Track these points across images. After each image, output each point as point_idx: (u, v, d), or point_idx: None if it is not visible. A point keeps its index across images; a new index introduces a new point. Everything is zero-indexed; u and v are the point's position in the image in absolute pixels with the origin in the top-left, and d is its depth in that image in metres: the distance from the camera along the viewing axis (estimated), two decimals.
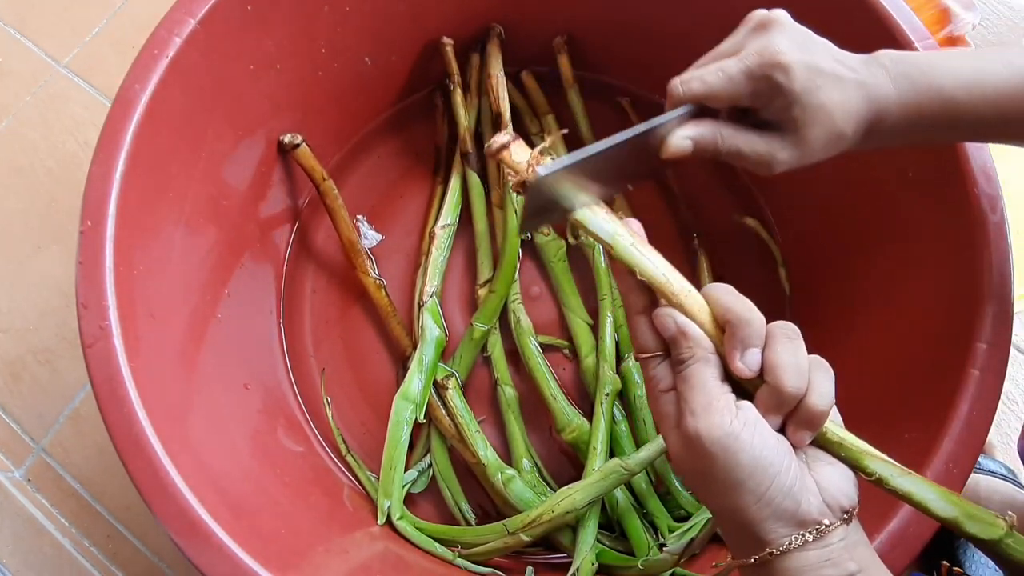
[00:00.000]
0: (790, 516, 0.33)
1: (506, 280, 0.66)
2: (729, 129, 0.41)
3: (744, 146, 0.40)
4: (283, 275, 0.70)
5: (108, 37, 0.86)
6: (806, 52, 0.39)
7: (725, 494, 0.34)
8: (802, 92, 0.38)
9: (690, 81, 0.40)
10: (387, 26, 0.66)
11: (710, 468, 0.33)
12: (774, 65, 0.38)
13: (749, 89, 0.39)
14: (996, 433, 0.74)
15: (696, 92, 0.40)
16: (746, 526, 0.34)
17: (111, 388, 0.44)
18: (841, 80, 0.39)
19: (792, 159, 0.40)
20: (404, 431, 0.61)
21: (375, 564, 0.55)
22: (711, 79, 0.40)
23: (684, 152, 0.41)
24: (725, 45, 0.42)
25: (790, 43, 0.39)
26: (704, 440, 0.33)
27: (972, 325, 0.48)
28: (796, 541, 0.33)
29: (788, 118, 0.39)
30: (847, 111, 0.39)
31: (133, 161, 0.48)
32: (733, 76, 0.39)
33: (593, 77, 0.74)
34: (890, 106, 0.40)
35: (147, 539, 0.70)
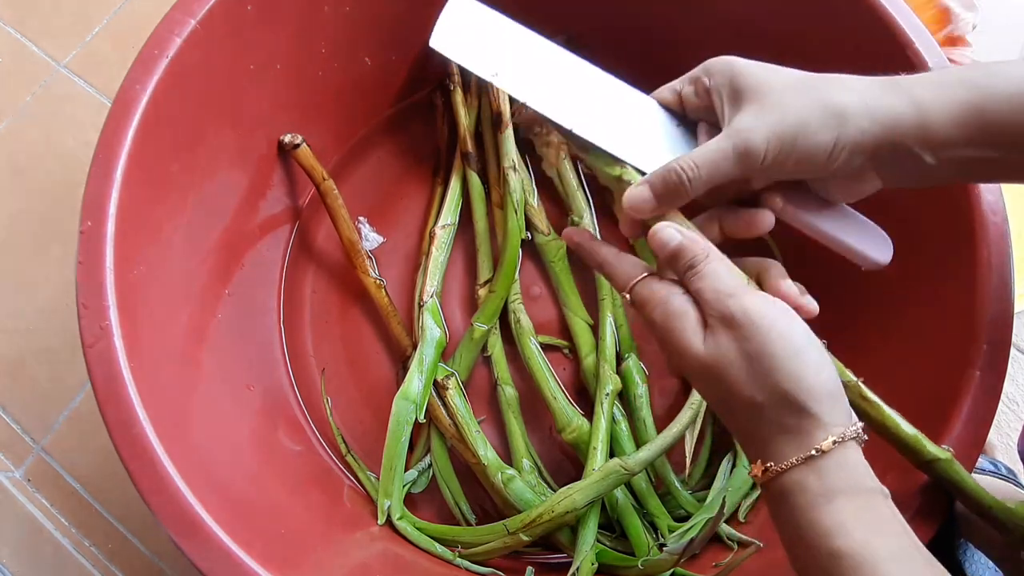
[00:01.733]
0: (843, 399, 0.32)
1: (506, 280, 0.66)
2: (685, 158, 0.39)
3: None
4: (283, 275, 0.70)
5: (108, 37, 0.86)
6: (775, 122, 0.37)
7: (783, 366, 0.32)
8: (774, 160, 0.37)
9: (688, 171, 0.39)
10: (387, 26, 0.66)
11: (763, 342, 0.32)
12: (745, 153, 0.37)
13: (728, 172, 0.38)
14: (996, 433, 0.74)
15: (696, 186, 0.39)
16: (807, 403, 0.32)
17: (111, 388, 0.44)
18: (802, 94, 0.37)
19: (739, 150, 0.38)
20: (404, 431, 0.61)
21: (375, 564, 0.55)
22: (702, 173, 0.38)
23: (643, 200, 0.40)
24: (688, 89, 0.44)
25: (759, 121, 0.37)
26: (753, 313, 0.32)
27: (972, 325, 0.48)
28: (850, 431, 0.32)
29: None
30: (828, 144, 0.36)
31: (133, 161, 0.48)
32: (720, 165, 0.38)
33: None
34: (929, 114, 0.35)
35: (147, 539, 0.70)
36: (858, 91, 0.37)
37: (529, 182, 0.70)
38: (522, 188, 0.68)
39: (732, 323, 0.33)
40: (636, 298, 0.38)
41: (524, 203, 0.68)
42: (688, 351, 0.34)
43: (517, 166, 0.68)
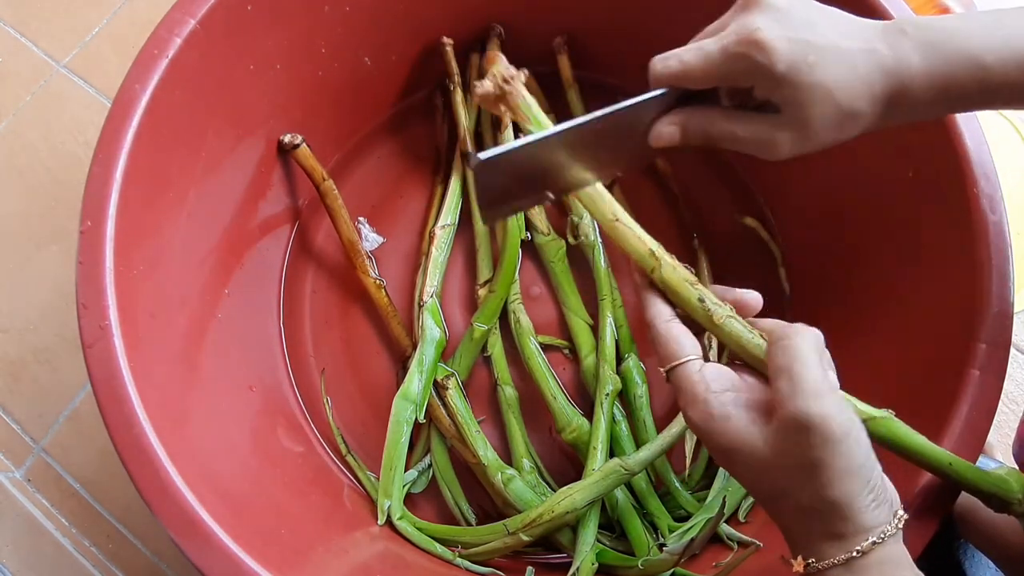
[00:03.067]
0: (888, 501, 0.32)
1: (506, 280, 0.66)
2: (720, 113, 0.39)
3: (739, 130, 0.38)
4: (283, 275, 0.70)
5: (108, 37, 0.86)
6: (792, 28, 0.36)
7: (838, 482, 0.31)
8: (788, 71, 0.35)
9: (668, 59, 0.39)
10: (387, 26, 0.66)
11: (828, 454, 0.31)
12: (751, 43, 0.35)
13: (728, 68, 0.37)
14: (996, 433, 0.74)
15: (673, 71, 0.38)
16: (854, 516, 0.31)
17: (111, 388, 0.44)
18: (844, 53, 0.36)
19: (796, 142, 0.38)
20: (404, 431, 0.61)
21: (375, 564, 0.55)
22: (688, 57, 0.38)
23: (672, 139, 0.39)
24: (712, 26, 0.40)
25: (772, 20, 0.36)
26: (832, 422, 0.31)
27: (972, 325, 0.48)
28: (891, 528, 0.32)
29: (781, 99, 0.37)
30: (854, 87, 0.36)
31: (133, 161, 0.48)
32: (710, 54, 0.37)
33: (593, 77, 0.74)
34: (915, 77, 0.36)
35: (147, 539, 0.70)
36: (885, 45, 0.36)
37: None
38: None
39: (805, 428, 0.31)
40: (674, 383, 0.37)
41: None
42: (743, 450, 0.33)
43: None
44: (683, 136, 0.39)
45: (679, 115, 0.39)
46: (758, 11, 0.36)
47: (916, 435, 0.40)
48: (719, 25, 0.39)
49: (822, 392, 0.32)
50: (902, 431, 0.39)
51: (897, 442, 0.39)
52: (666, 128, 0.39)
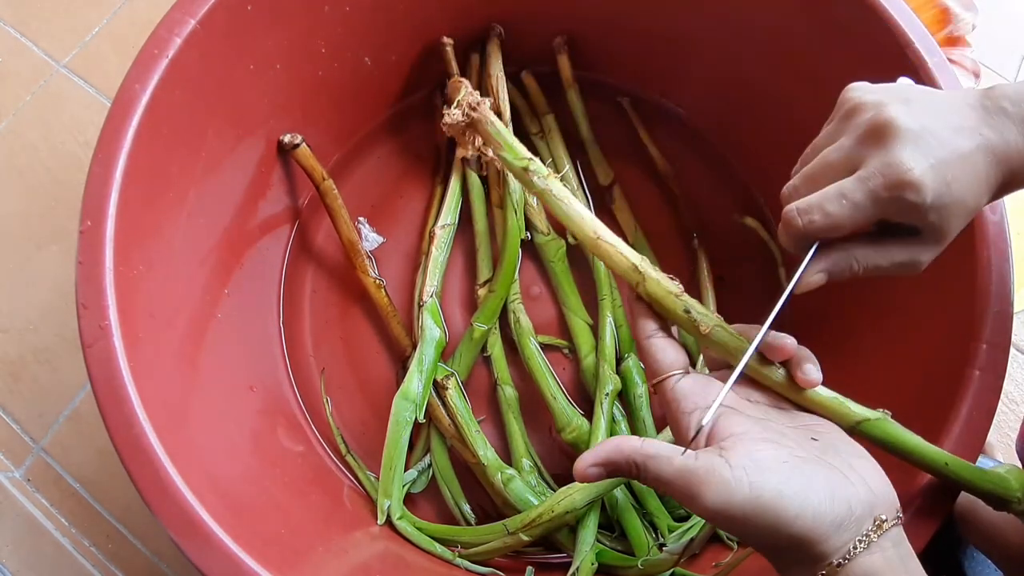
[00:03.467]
0: (846, 518, 0.32)
1: (506, 280, 0.66)
2: (862, 249, 0.38)
3: (883, 261, 0.38)
4: (283, 275, 0.70)
5: (108, 37, 0.86)
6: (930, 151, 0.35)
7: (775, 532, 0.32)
8: (935, 199, 0.35)
9: (810, 213, 0.36)
10: (387, 26, 0.66)
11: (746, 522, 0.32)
12: (903, 185, 0.34)
13: (876, 213, 0.36)
14: (996, 433, 0.74)
15: (820, 226, 0.36)
16: (808, 549, 0.32)
17: (111, 388, 0.44)
18: (966, 159, 0.35)
19: (936, 253, 0.38)
20: (404, 431, 0.61)
21: (375, 564, 0.55)
22: (833, 210, 0.36)
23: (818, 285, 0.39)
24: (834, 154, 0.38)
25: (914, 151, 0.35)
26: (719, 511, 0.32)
27: (972, 325, 0.48)
28: (860, 544, 0.32)
29: (925, 224, 0.36)
30: (979, 189, 0.36)
31: (133, 161, 0.48)
32: (858, 203, 0.35)
33: (593, 77, 0.74)
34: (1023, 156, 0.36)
35: (147, 539, 0.70)
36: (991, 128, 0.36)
37: None
38: (522, 188, 0.68)
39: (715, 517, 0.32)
40: (662, 392, 0.38)
41: (524, 203, 0.68)
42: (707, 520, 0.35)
43: None
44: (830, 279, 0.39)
45: (823, 262, 0.38)
46: (899, 144, 0.35)
47: (911, 436, 0.39)
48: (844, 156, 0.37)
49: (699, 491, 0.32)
50: (897, 432, 0.39)
51: (892, 444, 0.39)
52: (814, 278, 0.38)
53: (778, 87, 0.65)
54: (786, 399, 0.39)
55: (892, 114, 0.35)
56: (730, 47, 0.66)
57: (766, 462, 0.32)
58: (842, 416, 0.38)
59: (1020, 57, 0.91)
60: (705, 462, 0.33)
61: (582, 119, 0.72)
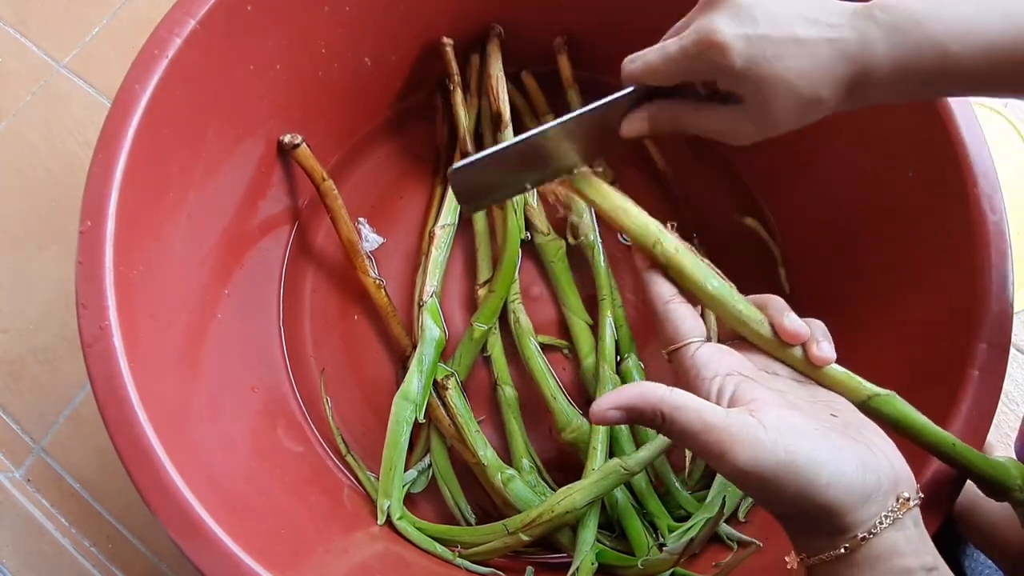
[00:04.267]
0: (874, 490, 0.31)
1: (506, 280, 0.66)
2: (685, 106, 0.41)
3: (703, 122, 0.41)
4: (283, 275, 0.70)
5: (108, 37, 0.86)
6: (751, 24, 0.37)
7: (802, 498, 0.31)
8: (746, 67, 0.37)
9: (635, 60, 0.41)
10: (387, 26, 0.66)
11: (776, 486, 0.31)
12: (708, 44, 0.37)
13: (688, 67, 0.39)
14: (996, 433, 0.74)
15: (639, 70, 0.41)
16: (835, 519, 0.31)
17: (111, 388, 0.44)
18: (804, 44, 0.37)
19: (759, 129, 0.39)
20: (404, 431, 0.61)
21: (375, 564, 0.55)
22: (651, 57, 0.40)
23: (641, 131, 0.42)
24: (679, 23, 0.42)
25: (730, 18, 0.37)
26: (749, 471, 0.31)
27: (972, 325, 0.48)
28: (886, 520, 0.31)
29: (743, 92, 0.38)
30: (815, 76, 0.37)
31: (133, 161, 0.48)
32: (671, 55, 0.39)
33: (593, 77, 0.74)
34: (879, 61, 0.37)
35: (147, 539, 0.70)
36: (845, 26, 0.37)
37: None
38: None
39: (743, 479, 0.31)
40: (674, 366, 0.38)
41: (524, 203, 0.68)
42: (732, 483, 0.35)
43: None
44: (652, 127, 0.42)
45: (648, 108, 0.42)
46: (718, 10, 0.38)
47: (918, 414, 0.39)
48: (684, 23, 0.41)
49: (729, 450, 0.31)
50: (905, 410, 0.38)
51: (900, 421, 0.38)
52: (636, 122, 0.42)
53: None
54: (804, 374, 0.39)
55: None
56: None
57: (799, 427, 0.32)
58: (854, 391, 0.37)
59: None
60: (738, 419, 0.32)
61: None
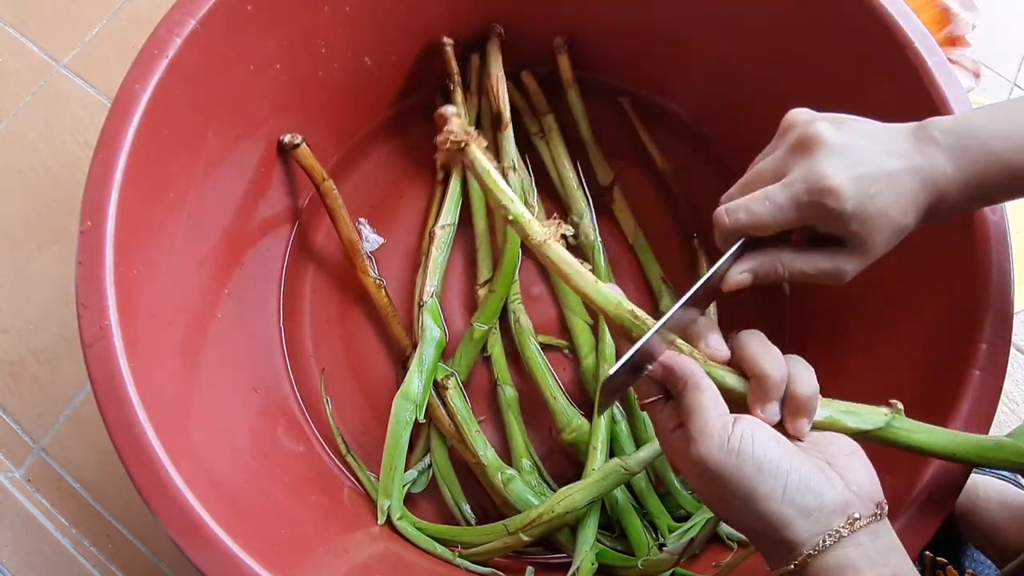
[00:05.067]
0: (816, 510, 0.33)
1: (506, 280, 0.66)
2: (788, 254, 0.40)
3: (807, 267, 0.40)
4: (283, 275, 0.70)
5: (108, 37, 0.86)
6: (853, 164, 0.38)
7: (745, 506, 0.34)
8: (856, 208, 0.37)
9: (736, 212, 0.40)
10: (387, 26, 0.66)
11: (723, 486, 0.34)
12: (822, 191, 0.37)
13: (798, 216, 0.38)
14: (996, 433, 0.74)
15: (744, 224, 0.39)
16: (776, 532, 0.34)
17: (111, 388, 0.44)
18: (893, 178, 0.38)
19: (860, 266, 0.40)
20: (404, 431, 0.61)
21: (375, 564, 0.55)
22: (758, 209, 0.39)
23: (744, 284, 0.41)
24: (765, 164, 0.41)
25: (836, 162, 0.38)
26: (707, 462, 0.34)
27: (972, 325, 0.48)
28: (829, 539, 0.33)
29: (847, 233, 0.39)
30: (905, 206, 0.38)
31: (133, 161, 0.48)
32: (781, 205, 0.38)
33: (593, 77, 0.74)
34: (951, 185, 0.39)
35: (147, 539, 0.70)
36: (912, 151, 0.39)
37: (529, 182, 0.70)
38: (522, 188, 0.68)
39: (696, 467, 0.35)
40: (651, 417, 0.40)
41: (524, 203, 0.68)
42: (685, 475, 0.37)
43: (517, 166, 0.68)
44: (755, 280, 0.41)
45: (749, 262, 0.41)
46: (822, 155, 0.38)
47: (916, 434, 0.40)
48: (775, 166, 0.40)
49: (698, 436, 0.35)
50: (898, 436, 0.40)
51: (899, 445, 0.40)
52: (738, 276, 0.41)
53: (778, 87, 0.65)
54: None
55: (819, 129, 0.39)
56: (730, 47, 0.66)
57: (761, 439, 0.34)
58: (840, 430, 0.39)
59: (1020, 57, 0.91)
60: (721, 419, 0.35)
61: (582, 119, 0.72)
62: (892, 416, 0.40)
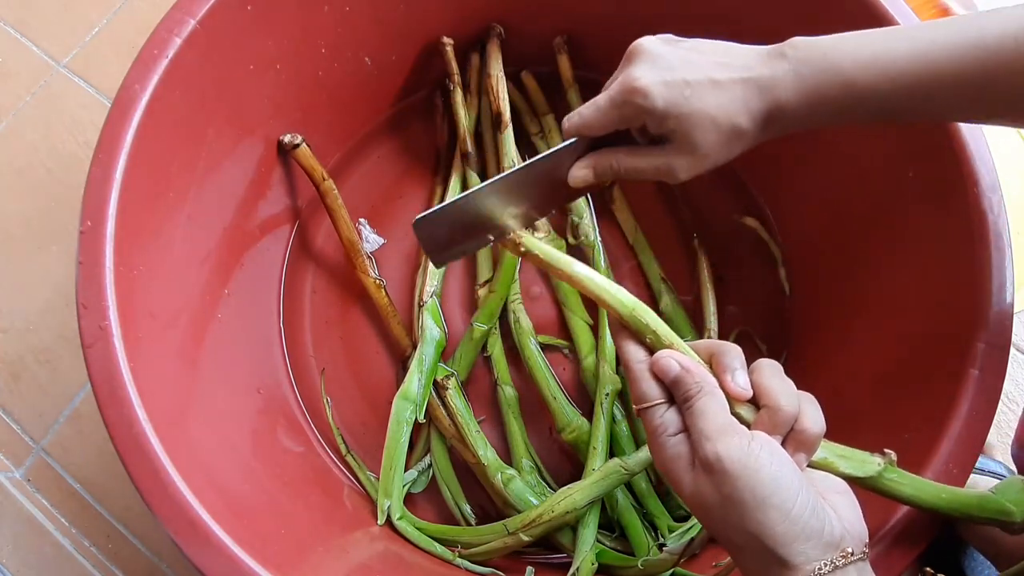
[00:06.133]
0: (817, 535, 0.33)
1: (506, 280, 0.66)
2: (622, 152, 0.45)
3: (640, 163, 0.45)
4: (283, 275, 0.70)
5: (108, 37, 0.86)
6: (668, 70, 0.42)
7: (750, 515, 0.33)
8: (668, 107, 0.41)
9: (572, 117, 0.45)
10: (387, 26, 0.66)
11: (733, 489, 0.33)
12: (631, 90, 0.42)
13: (618, 114, 0.43)
14: (996, 433, 0.74)
15: (576, 123, 0.45)
16: (775, 548, 0.33)
17: (111, 388, 0.44)
18: (718, 84, 0.41)
19: (691, 164, 0.43)
20: (404, 431, 0.61)
21: (375, 564, 0.55)
22: (585, 112, 0.45)
23: (587, 180, 0.46)
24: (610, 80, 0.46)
25: (649, 67, 0.42)
26: (724, 460, 0.34)
27: (972, 325, 0.48)
28: (825, 567, 0.33)
29: (668, 130, 0.42)
30: (731, 109, 0.41)
31: (133, 161, 0.48)
32: (601, 106, 0.44)
33: (593, 77, 0.74)
34: (789, 93, 0.41)
35: (147, 539, 0.70)
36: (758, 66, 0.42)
37: None
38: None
39: (708, 468, 0.34)
40: (645, 421, 0.39)
41: None
42: (680, 489, 0.36)
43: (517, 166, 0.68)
44: (596, 175, 0.46)
45: (589, 158, 0.46)
46: (637, 62, 0.43)
47: (906, 487, 0.41)
48: (611, 79, 0.45)
49: (714, 435, 0.35)
50: (889, 487, 0.41)
51: (887, 495, 0.41)
52: (579, 171, 0.46)
53: None
54: None
55: (643, 42, 0.44)
56: None
57: (779, 455, 0.34)
58: (832, 472, 0.39)
59: None
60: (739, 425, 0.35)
61: None
62: (885, 467, 0.40)
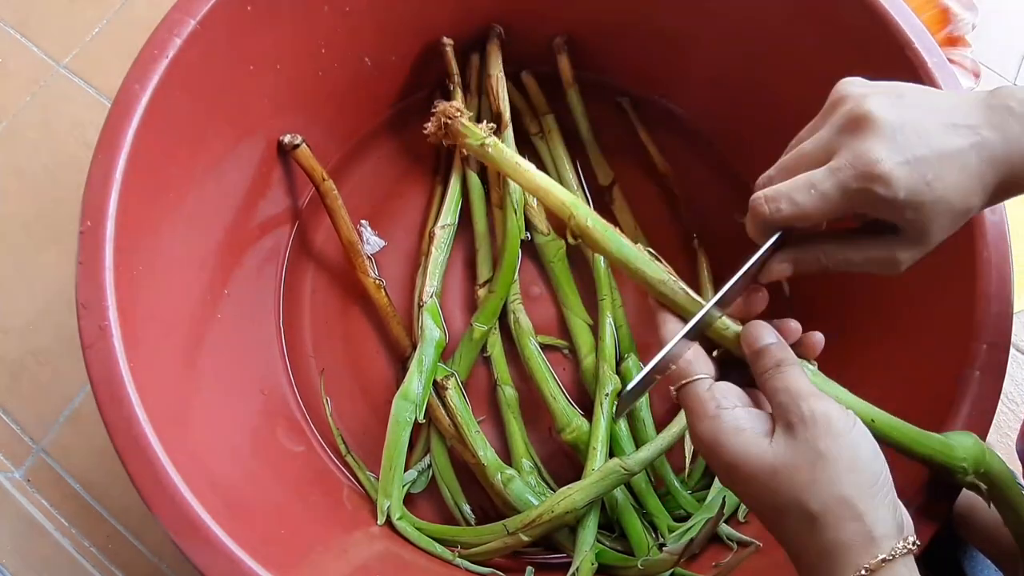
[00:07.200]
0: (894, 513, 0.32)
1: (506, 280, 0.66)
2: (832, 245, 0.37)
3: (856, 256, 0.37)
4: (283, 275, 0.70)
5: (108, 37, 0.86)
6: (908, 147, 0.33)
7: (845, 476, 0.32)
8: (909, 196, 0.33)
9: (777, 201, 0.36)
10: (387, 26, 0.66)
11: (832, 445, 0.32)
12: (872, 177, 0.33)
13: (846, 205, 0.34)
14: (996, 433, 0.74)
15: (787, 215, 0.35)
16: (863, 515, 0.31)
17: (111, 388, 0.44)
18: (955, 158, 0.34)
19: (916, 253, 0.36)
20: (404, 431, 0.61)
21: (375, 564, 0.55)
22: (801, 199, 0.35)
23: (784, 276, 0.38)
24: (809, 145, 0.37)
25: (889, 145, 0.33)
26: (832, 417, 0.33)
27: (972, 325, 0.48)
28: (899, 548, 0.32)
29: (902, 221, 0.35)
30: (968, 188, 0.34)
31: (133, 161, 0.48)
32: (827, 195, 0.34)
33: (593, 77, 0.74)
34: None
35: (147, 539, 0.70)
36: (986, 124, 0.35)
37: None
38: (521, 188, 0.68)
39: (806, 423, 0.33)
40: (683, 401, 0.37)
41: (523, 203, 0.68)
42: (750, 462, 0.33)
43: None
44: (797, 271, 0.38)
45: (790, 252, 0.38)
46: (872, 137, 0.34)
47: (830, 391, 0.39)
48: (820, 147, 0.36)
49: (815, 394, 0.34)
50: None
51: None
52: (779, 266, 0.38)
53: (778, 87, 0.65)
54: None
55: (871, 106, 0.34)
56: (730, 47, 0.66)
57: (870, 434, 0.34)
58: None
59: (1020, 57, 0.91)
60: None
61: (582, 119, 0.72)
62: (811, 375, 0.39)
